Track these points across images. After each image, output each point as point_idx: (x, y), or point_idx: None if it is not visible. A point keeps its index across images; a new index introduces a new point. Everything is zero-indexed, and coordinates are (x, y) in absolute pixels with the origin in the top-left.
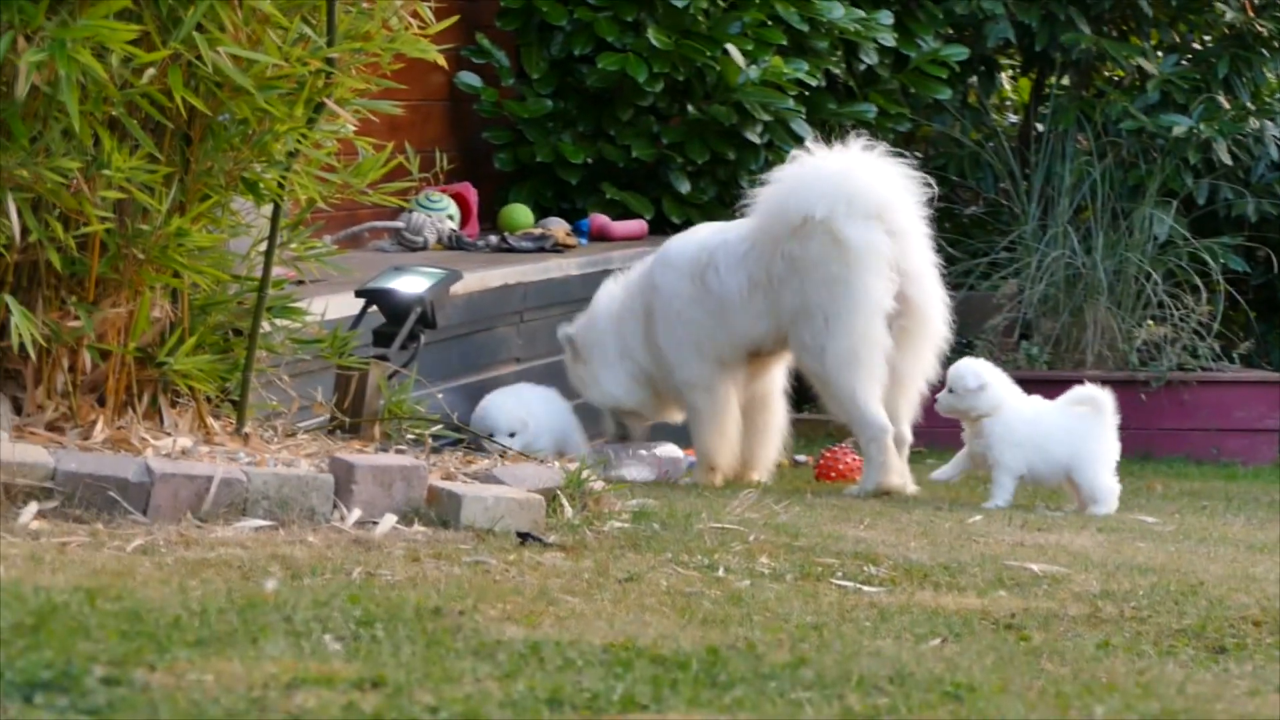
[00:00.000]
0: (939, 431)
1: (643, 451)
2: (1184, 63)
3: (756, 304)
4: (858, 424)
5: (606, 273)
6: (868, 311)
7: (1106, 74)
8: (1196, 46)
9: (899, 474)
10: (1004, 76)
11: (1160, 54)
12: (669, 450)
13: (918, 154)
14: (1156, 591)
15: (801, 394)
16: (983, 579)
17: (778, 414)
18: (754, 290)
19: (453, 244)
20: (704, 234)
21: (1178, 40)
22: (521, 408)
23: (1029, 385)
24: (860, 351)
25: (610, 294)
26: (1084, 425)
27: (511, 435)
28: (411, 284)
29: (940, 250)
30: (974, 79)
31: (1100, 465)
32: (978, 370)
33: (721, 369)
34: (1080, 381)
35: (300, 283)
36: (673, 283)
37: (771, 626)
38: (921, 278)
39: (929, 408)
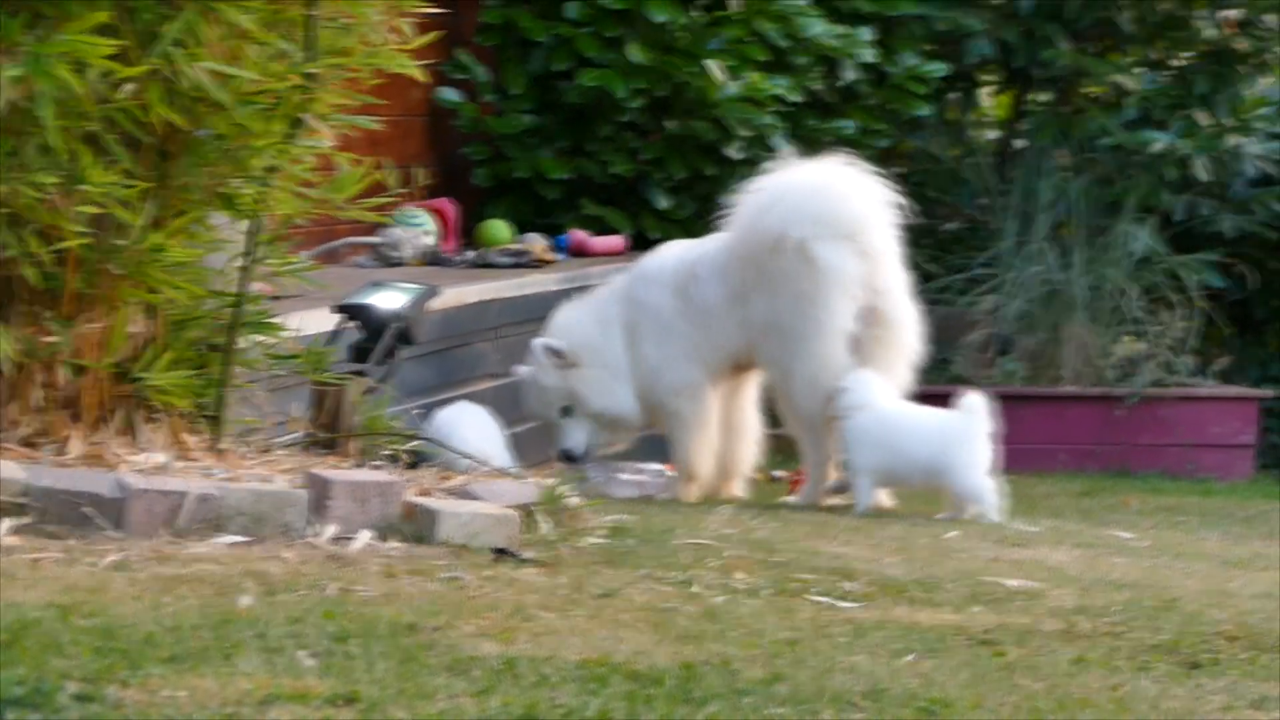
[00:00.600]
0: None
1: (625, 475)
2: (1163, 80)
3: (735, 315)
4: (813, 446)
5: (585, 288)
6: (831, 332)
7: (1086, 91)
8: (1175, 64)
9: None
10: (984, 93)
11: (1139, 71)
12: (653, 467)
13: (897, 170)
14: (1132, 607)
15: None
16: (958, 594)
17: (751, 419)
18: (733, 302)
19: (431, 259)
20: (679, 249)
21: (1157, 58)
22: (470, 426)
23: (1006, 401)
24: (821, 378)
25: (583, 306)
26: (953, 430)
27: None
28: (389, 299)
29: (918, 266)
30: (954, 95)
31: (971, 468)
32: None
33: (708, 377)
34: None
35: (277, 298)
36: (657, 297)
37: (747, 642)
38: (892, 293)
39: None
